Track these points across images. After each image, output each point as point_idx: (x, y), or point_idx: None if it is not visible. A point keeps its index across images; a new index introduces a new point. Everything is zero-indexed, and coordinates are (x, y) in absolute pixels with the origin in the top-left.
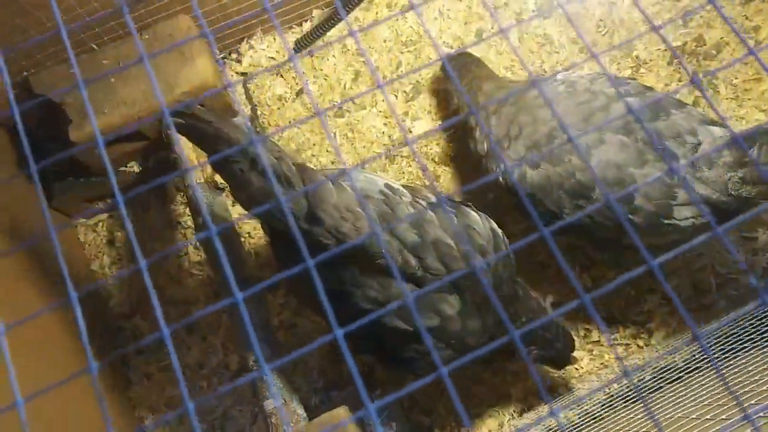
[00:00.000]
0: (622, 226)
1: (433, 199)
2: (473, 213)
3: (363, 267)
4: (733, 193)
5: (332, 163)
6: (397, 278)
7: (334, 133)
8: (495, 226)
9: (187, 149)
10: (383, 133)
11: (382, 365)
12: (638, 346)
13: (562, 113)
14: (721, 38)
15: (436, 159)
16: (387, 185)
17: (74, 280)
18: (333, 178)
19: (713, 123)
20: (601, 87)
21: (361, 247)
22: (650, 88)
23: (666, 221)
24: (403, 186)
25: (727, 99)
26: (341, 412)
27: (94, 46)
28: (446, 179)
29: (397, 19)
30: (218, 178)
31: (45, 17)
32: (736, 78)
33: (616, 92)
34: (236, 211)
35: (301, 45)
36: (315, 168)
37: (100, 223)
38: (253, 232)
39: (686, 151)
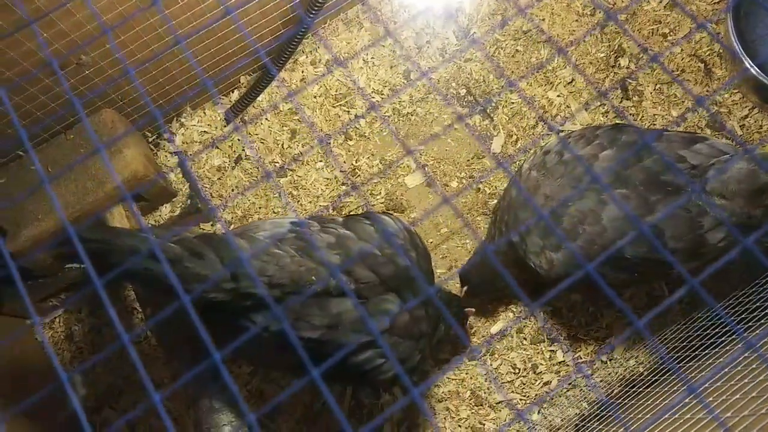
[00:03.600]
0: (665, 267)
1: (340, 220)
2: (387, 218)
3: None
4: (754, 216)
5: None
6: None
7: (279, 194)
8: (408, 225)
9: None
10: (327, 186)
11: (353, 388)
12: (602, 362)
13: (552, 195)
14: (640, 44)
15: (383, 202)
16: (292, 223)
17: (36, 383)
18: (241, 232)
19: (695, 141)
20: (572, 153)
21: (294, 284)
22: (621, 128)
23: (703, 250)
24: (308, 218)
25: (653, 104)
26: None
27: (21, 153)
28: None
29: (324, 75)
30: None
31: None
32: (659, 82)
33: (591, 151)
34: None
35: (233, 114)
36: (222, 232)
37: (57, 320)
38: None
39: (688, 177)
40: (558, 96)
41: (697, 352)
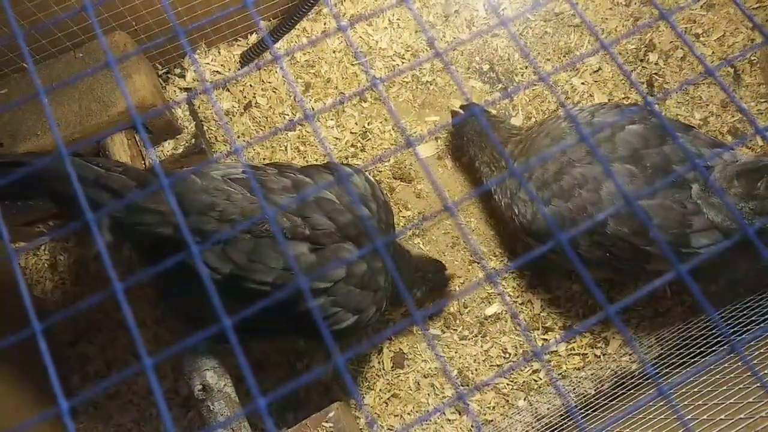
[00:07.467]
0: (640, 255)
1: (299, 166)
2: (347, 168)
3: (255, 241)
4: (749, 209)
5: None
6: (282, 243)
7: (285, 147)
8: (370, 177)
9: None
10: (335, 146)
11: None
12: (595, 355)
13: (567, 151)
14: (671, 42)
15: (390, 169)
16: (248, 165)
17: (16, 310)
18: (194, 170)
19: (719, 146)
20: (604, 118)
21: (246, 220)
22: (654, 113)
23: (684, 250)
24: (266, 164)
25: (677, 104)
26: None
27: (25, 65)
28: (403, 192)
29: (347, 30)
30: None
31: None
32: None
33: (620, 121)
34: None
35: (248, 58)
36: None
37: (42, 247)
38: None
39: (697, 174)
40: (582, 83)
41: (690, 359)
